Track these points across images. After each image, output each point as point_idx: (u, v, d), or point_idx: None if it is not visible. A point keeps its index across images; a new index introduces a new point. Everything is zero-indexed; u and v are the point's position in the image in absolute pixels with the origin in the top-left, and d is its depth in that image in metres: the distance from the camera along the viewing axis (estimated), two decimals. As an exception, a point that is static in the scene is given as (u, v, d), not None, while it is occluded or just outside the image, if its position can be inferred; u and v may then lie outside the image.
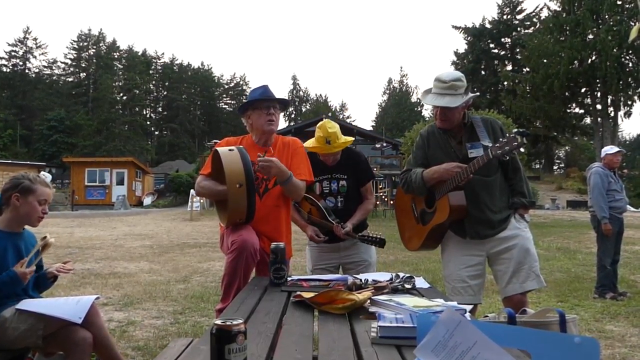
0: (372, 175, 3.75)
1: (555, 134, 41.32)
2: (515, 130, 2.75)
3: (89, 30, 74.15)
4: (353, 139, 3.55)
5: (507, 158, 2.79)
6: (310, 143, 3.56)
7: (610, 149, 6.35)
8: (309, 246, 3.74)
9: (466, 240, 3.04)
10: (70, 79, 70.70)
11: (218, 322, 1.07)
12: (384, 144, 37.45)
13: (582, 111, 39.07)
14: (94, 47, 71.54)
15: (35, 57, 69.56)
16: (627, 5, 32.76)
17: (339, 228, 3.40)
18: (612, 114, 36.09)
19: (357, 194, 3.63)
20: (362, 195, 3.66)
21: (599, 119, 35.96)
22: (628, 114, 36.31)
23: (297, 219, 3.64)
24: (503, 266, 3.02)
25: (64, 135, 56.65)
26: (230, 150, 2.83)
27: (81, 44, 71.07)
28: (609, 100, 35.68)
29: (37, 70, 69.38)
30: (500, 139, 2.79)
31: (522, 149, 2.67)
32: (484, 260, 3.09)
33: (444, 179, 2.94)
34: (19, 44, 67.69)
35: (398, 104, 75.15)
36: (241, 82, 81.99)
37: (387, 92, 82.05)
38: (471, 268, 3.04)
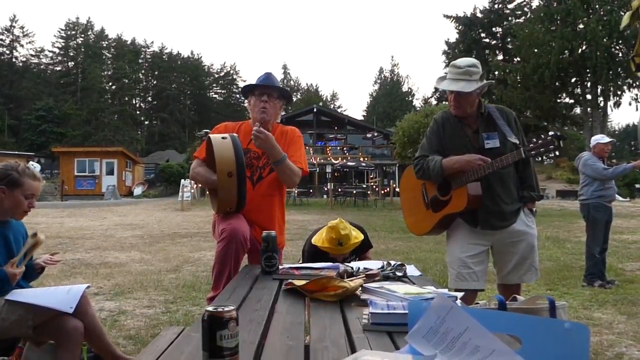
0: (371, 245, 3.78)
1: (546, 123, 41.49)
2: (552, 133, 2.76)
3: (77, 18, 73.61)
4: (363, 237, 3.45)
5: (541, 159, 2.82)
6: (320, 241, 3.43)
7: (601, 138, 6.37)
8: None
9: (476, 230, 3.06)
10: (58, 68, 69.97)
11: (210, 308, 1.07)
12: (375, 134, 37.52)
13: (572, 101, 39.31)
14: (82, 35, 70.80)
15: (22, 45, 68.85)
16: (618, -5, 32.88)
17: None
18: (601, 104, 36.33)
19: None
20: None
21: (588, 109, 36.19)
22: (617, 104, 36.59)
23: None
24: (507, 257, 3.08)
25: (52, 125, 56.08)
26: (223, 138, 2.80)
27: (69, 32, 70.31)
28: (598, 90, 35.89)
29: (24, 59, 68.70)
30: (535, 139, 2.80)
31: (557, 152, 2.70)
32: (487, 250, 3.13)
33: (465, 170, 2.93)
34: (6, 32, 66.85)
35: (389, 94, 75.12)
36: (231, 72, 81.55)
37: (378, 81, 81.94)
38: (475, 255, 3.06)
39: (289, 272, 2.32)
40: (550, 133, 2.78)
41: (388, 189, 27.58)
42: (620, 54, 34.32)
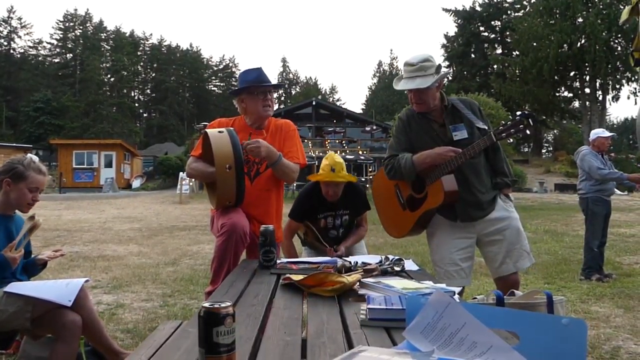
0: (368, 206, 3.86)
1: (544, 117, 41.50)
2: (520, 113, 2.72)
3: (75, 10, 73.58)
4: (356, 178, 3.68)
5: (512, 141, 2.79)
6: (314, 176, 3.66)
7: (602, 132, 6.36)
8: (304, 250, 3.88)
9: (456, 224, 3.03)
10: (56, 60, 69.78)
11: (206, 304, 1.06)
12: (374, 127, 37.45)
13: (570, 95, 39.33)
14: (81, 27, 70.57)
15: (20, 37, 68.67)
16: (617, -11, 32.81)
17: (332, 251, 3.52)
18: (600, 98, 36.34)
19: (355, 222, 3.83)
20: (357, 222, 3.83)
21: (587, 103, 36.19)
22: (616, 98, 36.66)
23: (289, 247, 3.73)
24: (495, 247, 3.03)
25: (50, 117, 55.95)
26: (219, 132, 2.80)
27: (67, 24, 70.06)
28: (597, 84, 35.89)
29: (22, 51, 68.51)
30: (503, 122, 2.77)
31: (527, 132, 2.65)
32: (474, 243, 3.08)
33: (437, 164, 2.90)
34: (3, 23, 66.65)
35: (388, 87, 74.65)
36: (230, 64, 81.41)
37: (377, 75, 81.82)
38: (462, 251, 3.03)
39: (287, 266, 2.31)
40: (518, 113, 2.73)
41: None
42: (619, 48, 34.30)
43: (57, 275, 6.01)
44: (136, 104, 72.86)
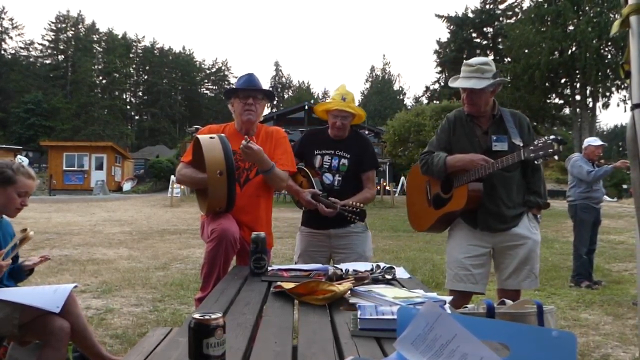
0: (377, 164, 3.59)
1: (535, 124, 41.67)
2: (553, 137, 2.71)
3: (68, 11, 73.41)
4: (365, 113, 3.49)
5: (539, 162, 2.79)
6: (323, 104, 3.51)
7: (593, 141, 6.42)
8: (300, 232, 3.57)
9: (475, 231, 3.07)
10: (47, 61, 69.40)
11: (196, 315, 1.06)
12: (366, 132, 37.51)
13: (561, 102, 39.57)
14: (73, 29, 70.25)
15: (11, 37, 68.21)
16: (607, -3, 33.14)
17: (333, 205, 3.19)
18: (590, 105, 36.62)
19: (357, 179, 3.44)
20: (362, 182, 3.46)
21: (577, 110, 36.48)
22: (606, 105, 36.93)
23: (291, 184, 3.37)
24: (506, 261, 3.07)
25: (41, 118, 55.64)
26: (211, 138, 2.80)
27: (59, 25, 69.73)
28: (587, 91, 36.17)
29: (13, 52, 68.09)
30: (535, 142, 2.77)
31: (555, 157, 2.67)
32: (489, 252, 3.11)
33: (467, 169, 2.95)
34: (-5, 24, 66.15)
35: (380, 92, 75.29)
36: (223, 68, 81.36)
37: (370, 79, 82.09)
38: (475, 258, 3.06)
39: (278, 273, 2.31)
40: (552, 137, 2.73)
41: (379, 187, 27.66)
42: (610, 56, 34.59)
43: (46, 279, 5.96)
44: (128, 107, 72.56)
